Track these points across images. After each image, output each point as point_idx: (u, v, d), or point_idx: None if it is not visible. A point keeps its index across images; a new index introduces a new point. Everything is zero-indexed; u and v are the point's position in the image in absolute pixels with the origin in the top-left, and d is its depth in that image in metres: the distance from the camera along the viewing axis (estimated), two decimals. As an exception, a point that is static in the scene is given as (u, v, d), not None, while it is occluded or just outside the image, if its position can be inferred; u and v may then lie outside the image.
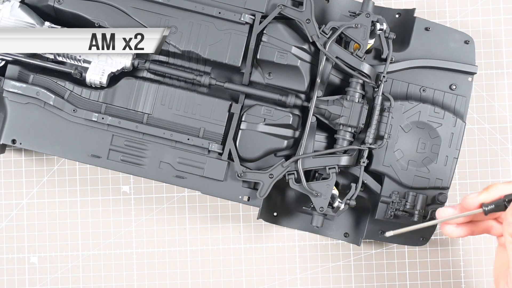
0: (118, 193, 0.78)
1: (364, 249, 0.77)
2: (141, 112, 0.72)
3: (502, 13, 0.79)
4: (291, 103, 0.71)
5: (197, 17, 0.71)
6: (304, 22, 0.70)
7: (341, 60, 0.70)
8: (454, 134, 0.71)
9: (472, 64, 0.72)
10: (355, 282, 0.77)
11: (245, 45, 0.70)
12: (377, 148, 0.70)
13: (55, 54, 0.72)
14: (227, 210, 0.78)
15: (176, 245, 0.78)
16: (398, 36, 0.72)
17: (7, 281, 0.78)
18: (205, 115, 0.71)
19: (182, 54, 0.71)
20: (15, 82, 0.72)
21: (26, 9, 0.72)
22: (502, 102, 0.78)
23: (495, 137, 0.78)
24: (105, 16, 0.71)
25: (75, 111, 0.71)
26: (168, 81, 0.73)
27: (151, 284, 0.78)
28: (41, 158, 0.79)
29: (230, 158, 0.71)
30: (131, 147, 0.71)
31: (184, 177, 0.71)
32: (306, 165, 0.69)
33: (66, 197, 0.78)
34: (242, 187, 0.71)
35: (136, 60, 0.72)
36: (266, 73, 0.71)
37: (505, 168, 0.77)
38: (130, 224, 0.78)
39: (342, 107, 0.69)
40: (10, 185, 0.79)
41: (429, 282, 0.77)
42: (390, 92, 0.73)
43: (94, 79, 0.71)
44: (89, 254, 0.78)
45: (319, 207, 0.69)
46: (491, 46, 0.78)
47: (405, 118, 0.71)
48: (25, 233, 0.78)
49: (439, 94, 0.73)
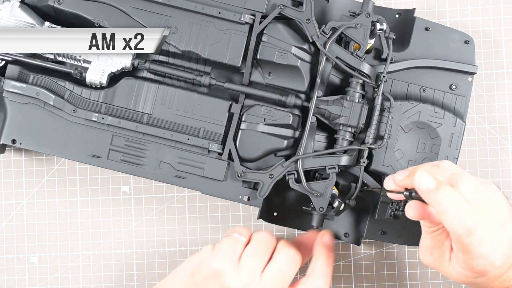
0: (118, 193, 0.78)
1: (364, 249, 0.77)
2: (141, 112, 0.72)
3: (502, 13, 0.79)
4: (291, 103, 0.71)
5: (197, 17, 0.71)
6: (304, 22, 0.70)
7: (341, 60, 0.70)
8: (454, 134, 0.71)
9: (472, 64, 0.72)
10: (355, 282, 0.77)
11: (245, 45, 0.70)
12: (377, 148, 0.70)
13: (55, 54, 0.72)
14: (227, 210, 0.78)
15: (176, 245, 0.78)
16: (398, 36, 0.72)
17: (7, 281, 0.78)
18: (205, 115, 0.71)
19: (182, 54, 0.71)
20: (15, 82, 0.71)
21: (26, 9, 0.72)
22: (502, 102, 0.78)
23: (495, 137, 0.78)
24: (105, 16, 0.71)
25: (75, 111, 0.71)
26: (168, 81, 0.73)
27: (151, 284, 0.78)
28: (41, 158, 0.79)
29: (230, 158, 0.71)
30: (131, 147, 0.71)
31: (184, 177, 0.71)
32: (306, 165, 0.69)
33: (66, 197, 0.78)
34: (242, 187, 0.71)
35: (136, 60, 0.72)
36: (266, 73, 0.71)
37: (505, 168, 0.77)
38: (130, 224, 0.78)
39: (342, 107, 0.69)
40: (10, 185, 0.79)
41: (429, 282, 0.77)
42: (390, 92, 0.73)
43: (94, 79, 0.71)
44: (89, 254, 0.78)
45: (319, 207, 0.69)
46: (491, 46, 0.78)
47: (405, 118, 0.71)
48: (25, 233, 0.78)
49: (439, 94, 0.73)
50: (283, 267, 0.64)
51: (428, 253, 0.63)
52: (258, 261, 0.64)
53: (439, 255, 0.63)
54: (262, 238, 0.66)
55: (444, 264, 0.62)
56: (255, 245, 0.65)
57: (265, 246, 0.65)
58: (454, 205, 0.57)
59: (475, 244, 0.57)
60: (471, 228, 0.56)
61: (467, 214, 0.57)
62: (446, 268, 0.62)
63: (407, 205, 0.61)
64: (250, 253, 0.64)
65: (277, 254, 0.65)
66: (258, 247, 0.65)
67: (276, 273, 0.64)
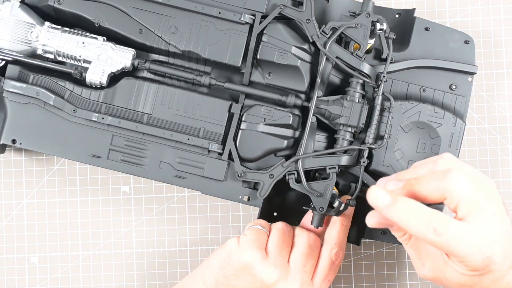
0: (118, 193, 0.78)
1: (364, 249, 0.77)
2: (141, 112, 0.72)
3: (502, 13, 0.79)
4: (291, 103, 0.71)
5: (197, 17, 0.71)
6: (304, 22, 0.70)
7: (341, 60, 0.70)
8: (454, 134, 0.71)
9: (472, 64, 0.72)
10: (355, 282, 0.77)
11: (245, 45, 0.70)
12: (377, 148, 0.70)
13: (55, 54, 0.72)
14: (227, 210, 0.78)
15: (176, 245, 0.78)
16: (398, 36, 0.72)
17: (7, 281, 0.78)
18: (205, 115, 0.71)
19: (182, 54, 0.71)
20: (15, 82, 0.71)
21: (26, 9, 0.72)
22: (502, 102, 0.78)
23: (495, 137, 0.78)
24: (105, 16, 0.71)
25: (75, 111, 0.71)
26: (168, 81, 0.73)
27: (151, 284, 0.78)
28: (41, 158, 0.79)
29: (230, 158, 0.71)
30: (131, 147, 0.71)
31: (184, 177, 0.71)
32: (307, 165, 0.69)
33: (66, 197, 0.78)
34: (242, 187, 0.71)
35: (136, 60, 0.72)
36: (266, 73, 0.71)
37: (505, 168, 0.77)
38: (130, 224, 0.78)
39: (342, 107, 0.69)
40: (10, 185, 0.79)
41: (429, 282, 0.77)
42: (390, 92, 0.73)
43: (94, 79, 0.71)
44: (89, 254, 0.78)
45: (319, 207, 0.69)
46: (491, 46, 0.78)
47: (405, 118, 0.71)
48: (25, 233, 0.78)
49: (439, 94, 0.73)
50: (307, 251, 0.67)
51: (421, 265, 0.62)
52: (284, 250, 0.66)
53: (432, 261, 0.61)
54: (282, 228, 0.68)
55: (441, 268, 0.60)
56: (278, 234, 0.67)
57: (287, 234, 0.68)
58: (414, 214, 0.56)
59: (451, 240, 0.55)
60: (437, 228, 0.55)
61: (428, 216, 0.56)
62: (446, 272, 0.60)
63: (368, 215, 0.60)
64: (276, 243, 0.66)
65: (298, 241, 0.67)
66: (281, 236, 0.67)
67: (301, 258, 0.66)
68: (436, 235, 0.55)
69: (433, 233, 0.55)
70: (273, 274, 0.65)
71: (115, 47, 0.71)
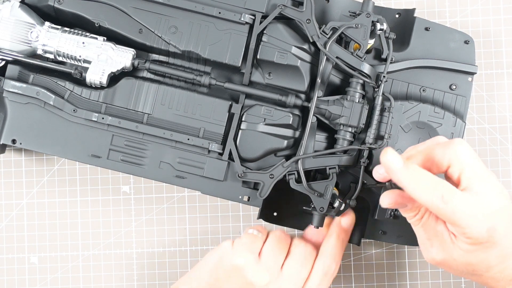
0: (118, 193, 0.78)
1: (364, 249, 0.77)
2: (141, 112, 0.72)
3: (502, 13, 0.79)
4: (291, 103, 0.71)
5: (197, 17, 0.71)
6: (304, 22, 0.70)
7: (341, 60, 0.70)
8: (454, 134, 0.71)
9: (472, 64, 0.72)
10: (355, 282, 0.77)
11: (245, 45, 0.70)
12: (377, 148, 0.70)
13: (55, 54, 0.72)
14: (227, 210, 0.78)
15: (176, 245, 0.78)
16: (398, 36, 0.72)
17: (7, 281, 0.78)
18: (205, 115, 0.71)
19: (182, 54, 0.71)
20: (15, 82, 0.71)
21: (26, 9, 0.72)
22: (502, 102, 0.78)
23: (495, 137, 0.78)
24: (105, 16, 0.71)
25: (75, 111, 0.71)
26: (168, 81, 0.73)
27: (151, 284, 0.78)
28: (41, 158, 0.79)
29: (230, 158, 0.71)
30: (131, 147, 0.71)
31: (184, 177, 0.71)
32: (307, 165, 0.69)
33: (66, 197, 0.78)
34: (242, 187, 0.71)
35: (136, 60, 0.72)
36: (266, 73, 0.71)
37: (505, 168, 0.78)
38: (130, 224, 0.78)
39: (342, 107, 0.69)
40: (10, 185, 0.79)
41: (429, 282, 0.77)
42: (390, 92, 0.73)
43: (94, 79, 0.71)
44: (89, 254, 0.78)
45: (320, 207, 0.69)
46: (491, 46, 0.78)
47: (405, 118, 0.71)
48: (25, 233, 0.78)
49: (439, 94, 0.73)
50: (301, 261, 0.67)
51: (429, 246, 0.62)
52: (278, 256, 0.66)
53: (439, 242, 0.61)
54: (279, 235, 0.68)
55: (448, 249, 0.60)
56: (274, 241, 0.67)
57: (283, 242, 0.68)
58: (423, 180, 0.57)
59: (457, 209, 0.57)
60: (445, 196, 0.57)
61: (436, 183, 0.57)
62: (453, 253, 0.60)
63: (382, 195, 0.61)
64: (270, 249, 0.67)
65: (294, 250, 0.68)
66: (277, 243, 0.67)
67: (294, 267, 0.66)
68: (444, 202, 0.57)
69: (440, 199, 0.57)
70: (264, 277, 0.65)
71: (115, 47, 0.71)
